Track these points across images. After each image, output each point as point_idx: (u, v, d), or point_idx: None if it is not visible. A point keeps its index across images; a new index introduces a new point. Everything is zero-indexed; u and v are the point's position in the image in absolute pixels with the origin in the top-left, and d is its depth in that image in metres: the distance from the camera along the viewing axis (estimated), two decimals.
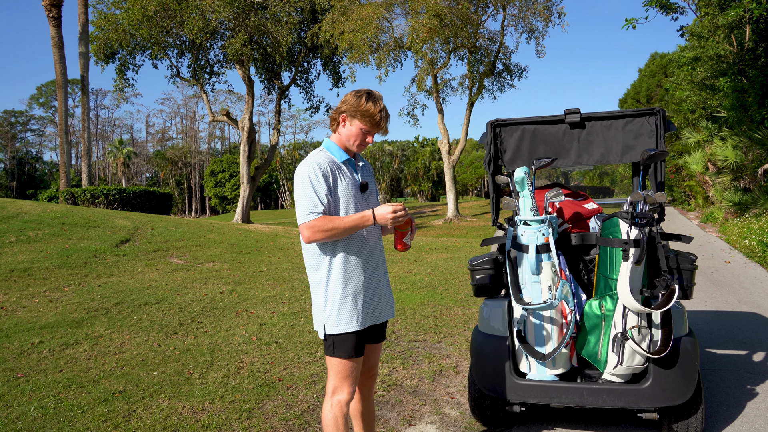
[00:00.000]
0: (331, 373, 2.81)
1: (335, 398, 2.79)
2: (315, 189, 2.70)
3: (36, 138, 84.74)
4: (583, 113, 3.98)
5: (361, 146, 2.84)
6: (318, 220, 2.68)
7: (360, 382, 3.03)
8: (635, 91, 41.54)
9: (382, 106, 2.80)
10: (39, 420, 3.91)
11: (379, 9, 23.91)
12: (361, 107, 2.76)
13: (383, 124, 2.81)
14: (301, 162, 2.81)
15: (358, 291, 2.79)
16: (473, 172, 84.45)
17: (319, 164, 2.74)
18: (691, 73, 20.23)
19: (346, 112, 2.80)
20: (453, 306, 7.46)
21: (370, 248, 2.87)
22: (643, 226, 3.32)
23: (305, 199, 2.70)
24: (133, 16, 23.27)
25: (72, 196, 21.28)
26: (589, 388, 3.41)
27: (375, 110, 2.76)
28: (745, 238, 12.85)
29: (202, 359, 5.24)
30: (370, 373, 3.06)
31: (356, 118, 2.78)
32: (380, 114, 2.78)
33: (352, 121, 2.79)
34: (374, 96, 2.80)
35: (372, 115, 2.77)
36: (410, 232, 2.88)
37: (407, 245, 2.91)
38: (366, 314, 2.81)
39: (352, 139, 2.82)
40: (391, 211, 2.71)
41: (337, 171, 2.80)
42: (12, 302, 7.13)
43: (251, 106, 27.37)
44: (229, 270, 9.99)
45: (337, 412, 2.77)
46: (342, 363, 2.77)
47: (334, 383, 2.80)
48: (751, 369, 4.91)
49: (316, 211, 2.69)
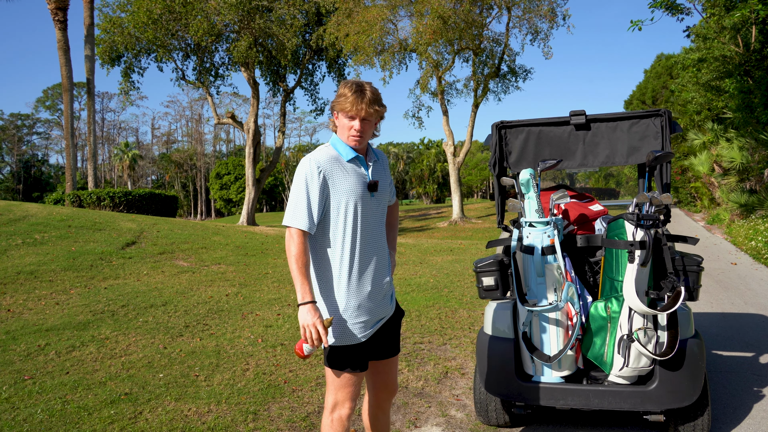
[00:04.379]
0: (331, 386, 2.64)
1: (336, 414, 2.62)
2: (306, 193, 2.55)
3: (42, 141, 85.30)
4: (589, 115, 3.98)
5: (353, 137, 2.61)
6: (294, 238, 2.51)
7: (381, 397, 2.89)
8: (641, 92, 41.46)
9: (355, 85, 2.59)
10: (46, 422, 3.92)
11: (383, 11, 23.95)
12: (338, 94, 2.60)
13: (360, 102, 2.55)
14: (304, 157, 2.67)
15: (363, 302, 2.61)
16: (478, 173, 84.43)
17: (318, 162, 2.58)
18: (696, 74, 20.17)
19: (334, 107, 2.64)
20: (458, 308, 7.45)
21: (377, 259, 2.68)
22: (648, 228, 3.31)
23: (294, 200, 2.57)
24: (139, 18, 23.36)
25: (78, 199, 21.37)
26: (594, 390, 3.41)
27: (346, 91, 2.57)
28: (751, 240, 12.80)
29: (207, 361, 5.25)
30: (390, 388, 2.89)
31: (336, 108, 2.62)
32: (352, 93, 2.55)
33: (338, 115, 2.64)
34: (351, 80, 2.64)
35: (344, 96, 2.57)
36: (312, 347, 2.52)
37: (304, 355, 2.55)
38: (368, 326, 2.64)
39: (345, 132, 2.63)
40: (308, 325, 2.47)
41: (338, 168, 2.61)
42: (19, 305, 7.16)
43: (256, 108, 27.43)
44: (234, 272, 10.00)
45: (338, 428, 2.61)
46: (344, 377, 2.61)
47: (335, 398, 2.63)
48: (758, 371, 4.89)
49: (297, 222, 2.53)
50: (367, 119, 2.60)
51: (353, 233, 2.60)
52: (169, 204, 23.67)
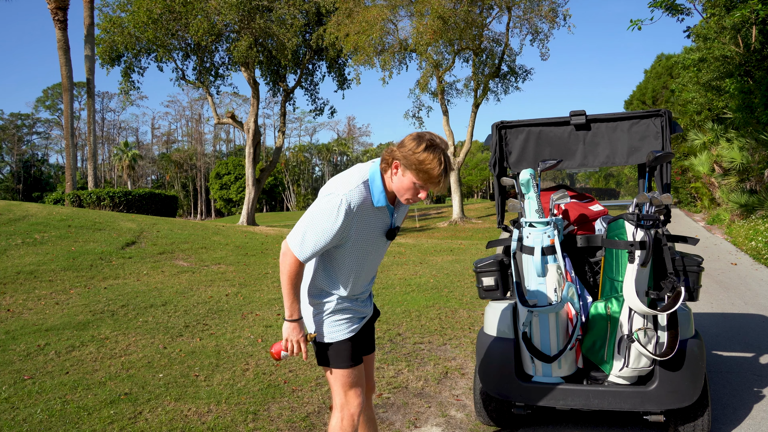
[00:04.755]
0: (335, 386, 2.67)
1: (345, 412, 2.64)
2: (322, 233, 2.42)
3: (42, 141, 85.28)
4: (589, 115, 3.98)
5: (411, 201, 2.47)
6: (291, 260, 2.47)
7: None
8: (641, 92, 41.44)
9: (443, 159, 2.36)
10: (45, 422, 3.92)
11: (383, 11, 23.95)
12: (418, 159, 2.33)
13: (442, 178, 2.38)
14: (338, 185, 2.45)
15: (354, 300, 2.70)
16: (478, 173, 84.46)
17: (352, 205, 2.39)
18: (697, 74, 20.16)
19: (400, 161, 2.39)
20: (458, 308, 7.45)
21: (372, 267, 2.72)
22: (648, 228, 3.31)
23: (306, 229, 2.44)
24: (139, 18, 23.37)
25: (78, 199, 21.37)
26: (594, 390, 3.41)
27: (434, 165, 2.34)
28: (751, 240, 12.80)
29: (207, 361, 5.25)
30: (371, 384, 2.98)
31: (410, 170, 2.37)
32: (440, 170, 2.35)
33: (405, 173, 2.39)
34: (436, 145, 2.36)
35: (428, 171, 2.34)
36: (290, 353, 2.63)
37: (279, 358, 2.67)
38: (354, 322, 2.71)
39: (402, 191, 2.44)
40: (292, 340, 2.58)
41: (367, 214, 2.49)
42: (18, 304, 7.16)
43: (256, 108, 27.44)
44: (234, 272, 10.00)
45: (348, 426, 2.63)
46: (344, 373, 2.65)
47: (341, 397, 2.66)
48: (758, 371, 4.89)
49: (300, 253, 2.45)
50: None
51: (359, 265, 2.64)
52: (169, 204, 23.68)
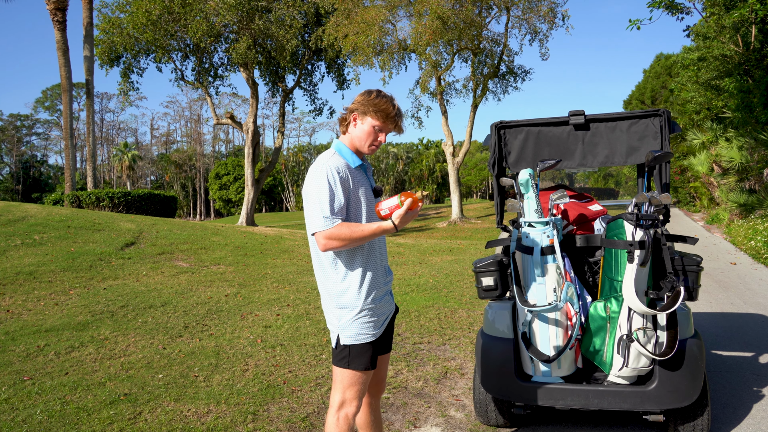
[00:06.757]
0: (340, 385, 2.66)
1: (342, 412, 2.65)
2: (334, 194, 2.54)
3: (41, 141, 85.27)
4: (588, 115, 3.98)
5: (373, 146, 2.69)
6: (336, 228, 2.51)
7: (372, 393, 2.95)
8: (640, 92, 41.45)
9: (395, 101, 2.69)
10: (45, 423, 3.92)
11: (382, 11, 23.95)
12: (374, 102, 2.63)
13: (398, 119, 2.68)
14: (315, 165, 2.64)
15: (378, 300, 2.68)
16: (477, 173, 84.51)
17: (337, 168, 2.58)
18: (696, 73, 20.18)
19: (357, 110, 2.66)
20: (458, 308, 7.45)
21: (382, 254, 2.76)
22: (648, 228, 3.31)
23: (323, 204, 2.53)
24: (138, 19, 23.37)
25: (77, 200, 21.36)
26: (594, 390, 3.41)
27: (388, 105, 2.64)
28: (750, 240, 12.81)
29: (207, 362, 5.25)
30: (381, 386, 2.97)
31: (368, 115, 2.64)
32: (393, 108, 2.65)
33: (363, 119, 2.65)
34: (386, 93, 2.69)
35: (385, 109, 2.63)
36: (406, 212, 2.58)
37: (388, 215, 2.60)
38: (380, 323, 2.71)
39: (363, 138, 2.67)
40: (410, 211, 2.56)
41: (354, 175, 2.65)
42: (18, 305, 7.16)
43: (255, 108, 27.44)
44: (233, 273, 10.00)
45: (344, 426, 2.63)
46: (356, 375, 2.65)
47: (342, 396, 2.66)
48: (757, 370, 4.89)
49: (333, 218, 2.52)
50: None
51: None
52: (168, 204, 23.67)
